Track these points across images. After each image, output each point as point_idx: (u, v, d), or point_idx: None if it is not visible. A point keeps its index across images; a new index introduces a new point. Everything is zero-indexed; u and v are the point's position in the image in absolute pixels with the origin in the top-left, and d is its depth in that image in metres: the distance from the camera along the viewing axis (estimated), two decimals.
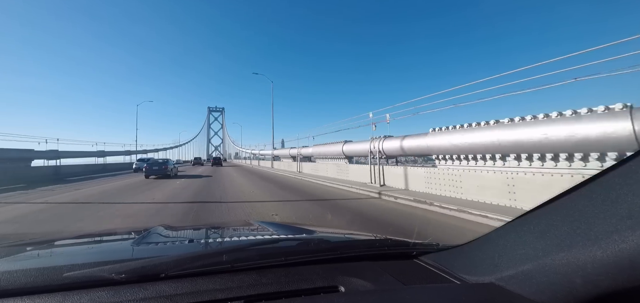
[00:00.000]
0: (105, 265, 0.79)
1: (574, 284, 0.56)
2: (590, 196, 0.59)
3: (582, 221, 0.58)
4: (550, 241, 0.63)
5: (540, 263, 0.63)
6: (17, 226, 5.17)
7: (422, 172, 8.25)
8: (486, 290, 0.73)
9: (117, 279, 0.74)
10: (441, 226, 5.11)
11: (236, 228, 1.82)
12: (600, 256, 0.52)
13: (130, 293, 0.71)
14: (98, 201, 7.91)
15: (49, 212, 6.49)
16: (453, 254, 0.96)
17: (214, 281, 0.80)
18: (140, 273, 0.77)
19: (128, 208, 6.79)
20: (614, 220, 0.52)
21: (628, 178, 0.53)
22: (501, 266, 0.74)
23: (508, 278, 0.70)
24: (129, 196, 9.04)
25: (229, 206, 7.11)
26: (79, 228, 5.06)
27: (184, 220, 5.66)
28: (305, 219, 5.80)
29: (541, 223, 0.68)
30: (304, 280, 0.83)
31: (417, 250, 1.07)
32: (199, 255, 0.97)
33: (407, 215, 6.06)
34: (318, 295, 0.78)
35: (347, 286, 0.81)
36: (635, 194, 0.51)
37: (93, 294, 0.70)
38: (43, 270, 0.77)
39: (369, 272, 0.91)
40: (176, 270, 0.79)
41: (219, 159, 36.65)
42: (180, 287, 0.75)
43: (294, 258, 0.94)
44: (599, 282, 0.52)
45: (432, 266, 0.97)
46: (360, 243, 1.25)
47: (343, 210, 6.71)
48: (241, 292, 0.75)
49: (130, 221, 5.52)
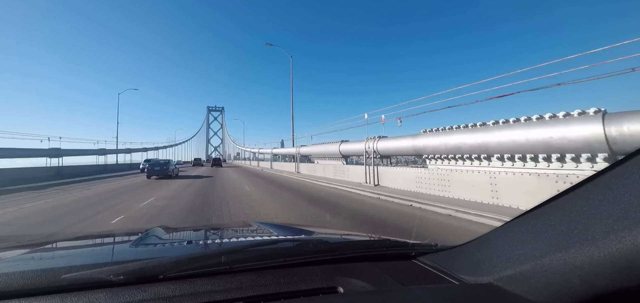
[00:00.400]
0: (103, 266, 0.80)
1: (572, 284, 0.56)
2: (587, 196, 0.60)
3: (580, 221, 0.58)
4: (548, 241, 0.63)
5: (538, 263, 0.63)
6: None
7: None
8: (484, 291, 0.74)
9: (115, 281, 0.74)
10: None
11: (235, 229, 1.81)
12: (598, 256, 0.52)
13: (129, 295, 0.71)
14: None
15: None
16: (451, 254, 0.97)
17: (212, 282, 0.80)
18: (138, 274, 0.77)
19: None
20: (610, 220, 0.52)
21: (624, 179, 0.53)
22: (499, 266, 0.74)
23: (506, 279, 0.71)
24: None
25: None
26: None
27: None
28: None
29: (539, 224, 0.68)
30: (303, 281, 0.83)
31: (416, 251, 1.08)
32: (197, 256, 0.97)
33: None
34: (317, 296, 0.78)
35: (346, 287, 0.82)
36: (632, 194, 0.51)
37: (91, 296, 0.70)
38: (41, 272, 0.78)
39: (368, 273, 0.91)
40: (175, 272, 0.79)
41: (218, 160, 36.63)
42: (178, 289, 0.75)
43: (292, 259, 0.94)
44: (597, 282, 0.53)
45: (430, 266, 0.97)
46: (359, 244, 1.25)
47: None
48: (240, 293, 0.76)
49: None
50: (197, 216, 6.17)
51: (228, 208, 7.07)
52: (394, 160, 12.75)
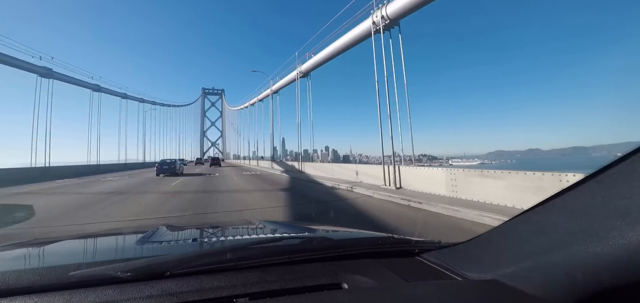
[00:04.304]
0: (111, 263, 0.81)
1: (575, 280, 0.56)
2: (590, 193, 0.60)
3: (582, 218, 0.59)
4: (551, 238, 0.64)
5: (541, 259, 0.64)
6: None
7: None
8: (488, 287, 0.74)
9: (123, 277, 0.75)
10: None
11: (240, 227, 1.85)
12: (600, 252, 0.53)
13: (136, 291, 0.72)
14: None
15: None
16: (455, 251, 0.98)
17: (218, 279, 0.81)
18: (146, 271, 0.78)
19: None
20: (613, 216, 0.53)
21: (627, 175, 0.54)
22: (503, 263, 0.74)
23: (510, 275, 0.71)
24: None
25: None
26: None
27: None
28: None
29: (542, 220, 0.68)
30: (308, 278, 0.84)
31: (420, 248, 1.09)
32: (203, 253, 0.99)
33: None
34: (322, 292, 0.78)
35: (351, 283, 0.83)
36: (634, 190, 0.51)
37: (100, 292, 0.71)
38: (50, 269, 0.80)
39: (372, 269, 0.92)
40: (181, 268, 0.81)
41: (217, 159, 35.33)
42: (185, 285, 0.76)
43: (297, 256, 0.95)
44: (599, 278, 0.53)
45: (434, 263, 0.98)
46: (363, 241, 1.26)
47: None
48: (246, 289, 0.76)
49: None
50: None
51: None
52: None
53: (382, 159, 10.13)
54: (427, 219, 5.40)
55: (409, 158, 9.73)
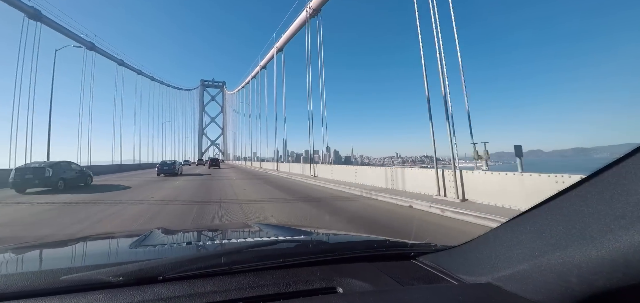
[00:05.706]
0: (102, 268, 0.80)
1: (570, 283, 0.57)
2: (585, 196, 0.60)
3: (577, 221, 0.59)
4: (546, 241, 0.64)
5: (536, 263, 0.64)
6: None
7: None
8: (483, 290, 0.74)
9: (115, 282, 0.74)
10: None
11: (234, 229, 1.83)
12: (595, 255, 0.53)
13: (128, 296, 0.71)
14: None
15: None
16: (450, 255, 0.98)
17: (212, 283, 0.80)
18: (137, 275, 0.77)
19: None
20: (608, 219, 0.53)
21: (622, 178, 0.54)
22: (498, 266, 0.75)
23: (505, 278, 0.71)
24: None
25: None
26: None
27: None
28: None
29: (537, 223, 0.69)
30: (302, 282, 0.84)
31: (415, 251, 1.09)
32: (196, 257, 0.98)
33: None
34: (316, 296, 0.78)
35: (345, 287, 0.82)
36: (629, 193, 0.51)
37: (90, 297, 0.70)
38: (40, 273, 0.78)
39: (367, 273, 0.92)
40: (174, 273, 0.80)
41: (216, 160, 35.22)
42: (178, 290, 0.76)
43: (292, 259, 0.95)
44: (594, 281, 0.53)
45: (429, 266, 0.98)
46: (358, 244, 1.26)
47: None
48: (239, 294, 0.76)
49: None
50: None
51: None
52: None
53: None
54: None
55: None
